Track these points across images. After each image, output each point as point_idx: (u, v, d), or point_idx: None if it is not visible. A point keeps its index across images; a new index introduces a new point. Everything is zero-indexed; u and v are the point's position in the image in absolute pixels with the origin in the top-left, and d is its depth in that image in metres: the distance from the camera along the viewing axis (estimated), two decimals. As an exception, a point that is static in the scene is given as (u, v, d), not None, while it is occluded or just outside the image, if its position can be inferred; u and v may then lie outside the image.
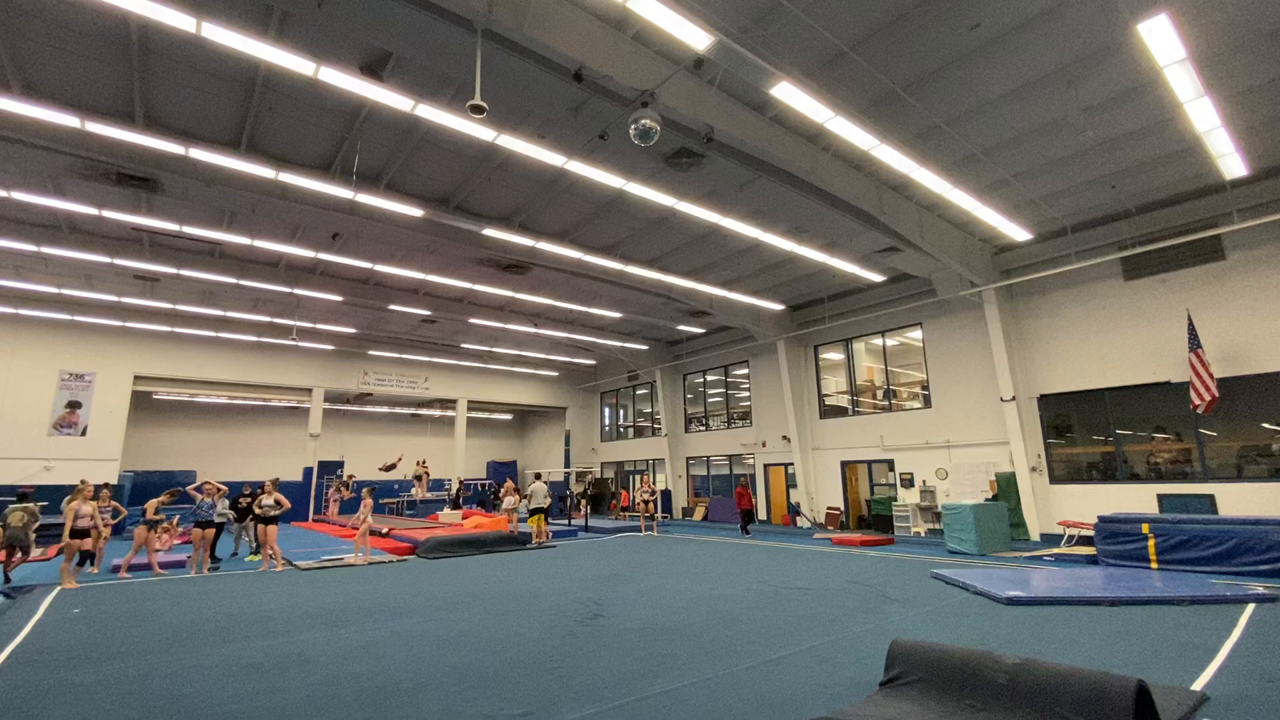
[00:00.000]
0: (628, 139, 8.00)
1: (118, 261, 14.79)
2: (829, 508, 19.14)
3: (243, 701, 4.42)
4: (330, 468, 25.47)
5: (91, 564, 10.96)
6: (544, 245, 14.25)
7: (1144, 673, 3.79)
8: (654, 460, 26.93)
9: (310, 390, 23.88)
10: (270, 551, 11.21)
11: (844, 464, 19.44)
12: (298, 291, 17.02)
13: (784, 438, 20.74)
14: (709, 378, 25.43)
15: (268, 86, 9.23)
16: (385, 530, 15.63)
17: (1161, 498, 12.89)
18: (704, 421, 25.76)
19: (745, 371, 23.41)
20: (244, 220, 13.53)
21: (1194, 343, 12.03)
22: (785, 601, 7.75)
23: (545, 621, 6.78)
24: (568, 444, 30.29)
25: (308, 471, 23.03)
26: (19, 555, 10.21)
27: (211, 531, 11.23)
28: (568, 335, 23.07)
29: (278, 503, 11.34)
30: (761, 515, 21.77)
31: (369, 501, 12.49)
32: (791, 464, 20.51)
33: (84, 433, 19.46)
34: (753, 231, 13.55)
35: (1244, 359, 12.16)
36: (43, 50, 8.41)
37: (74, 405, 19.48)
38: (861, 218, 11.97)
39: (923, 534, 15.91)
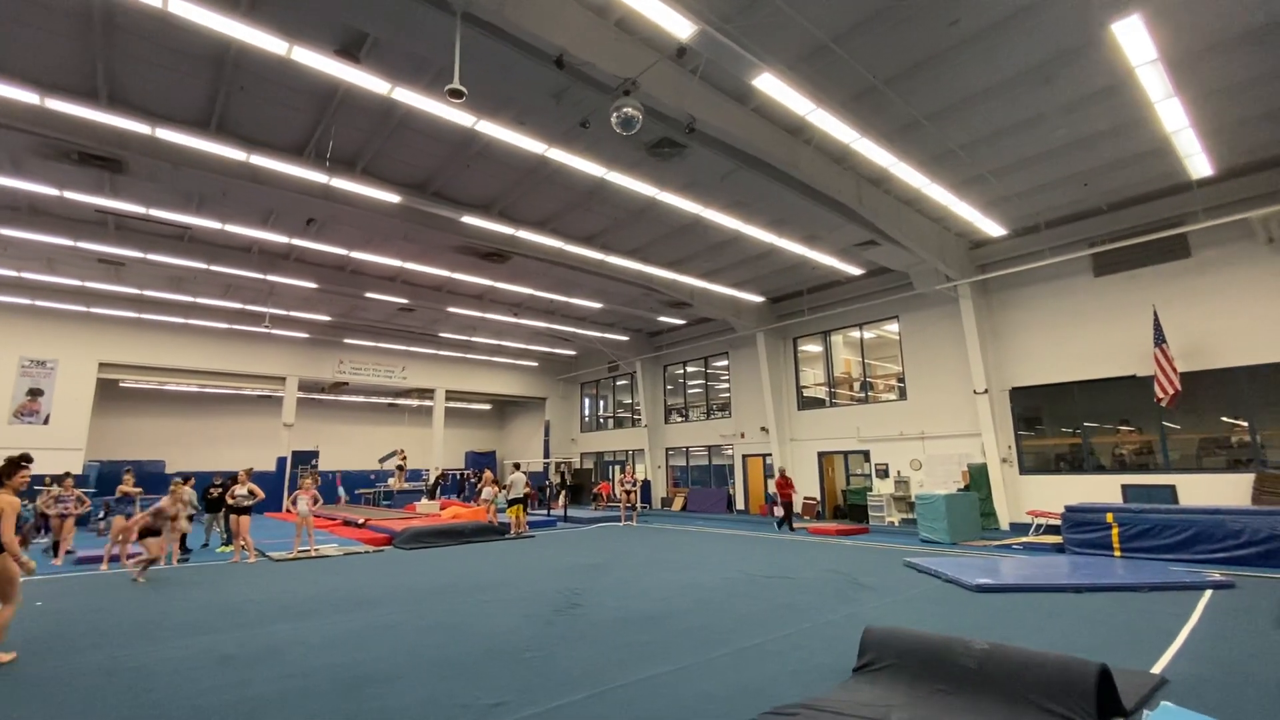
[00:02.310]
0: (609, 127, 7.94)
1: (81, 244, 14.32)
2: (806, 498, 19.40)
3: (213, 695, 4.35)
4: (305, 458, 25.10)
5: (54, 555, 10.68)
6: (524, 234, 14.13)
7: (1107, 656, 3.91)
8: (634, 451, 26.99)
9: (284, 379, 23.44)
10: (243, 542, 11.03)
11: (821, 455, 19.69)
12: (271, 278, 16.66)
13: (763, 429, 20.93)
14: (689, 369, 25.52)
15: (238, 66, 8.97)
16: (361, 521, 15.47)
17: (1126, 488, 13.28)
18: (684, 412, 25.87)
19: (725, 363, 23.53)
20: (214, 204, 13.17)
21: (1159, 338, 12.37)
22: (762, 590, 7.84)
23: (523, 611, 6.78)
24: (547, 434, 30.22)
25: (281, 461, 22.66)
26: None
27: (182, 524, 10.98)
28: (548, 325, 22.94)
29: (251, 493, 11.14)
30: (739, 505, 21.99)
31: (307, 483, 11.83)
32: (770, 455, 20.71)
33: (46, 421, 18.87)
34: (734, 223, 13.58)
35: (1206, 354, 12.55)
36: (-1, 22, 8.07)
37: (35, 393, 18.88)
38: (841, 211, 12.06)
39: (896, 524, 16.21)
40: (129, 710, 4.10)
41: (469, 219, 13.18)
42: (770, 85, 8.25)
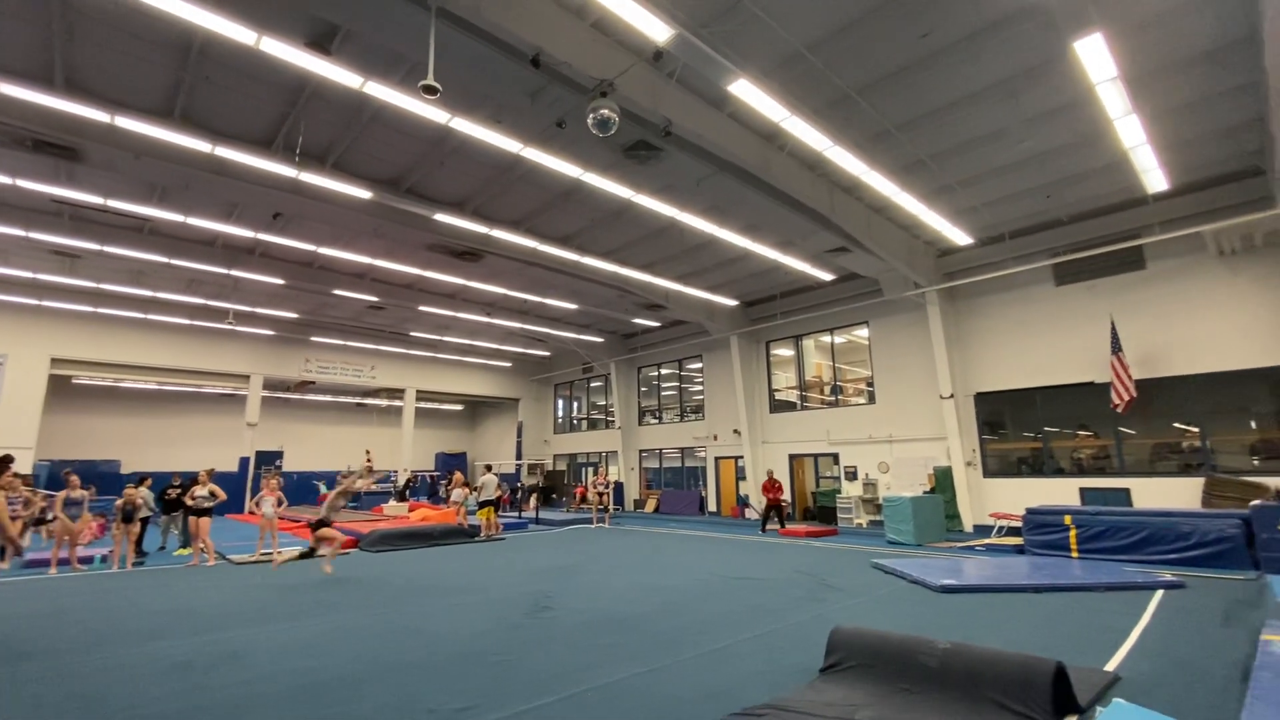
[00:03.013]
0: (586, 128, 7.95)
1: (34, 235, 13.79)
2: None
3: (168, 702, 4.21)
4: (269, 458, 24.49)
5: (1, 558, 10.22)
6: (498, 233, 14.01)
7: (1063, 655, 4.03)
8: (607, 453, 26.95)
9: (248, 377, 22.83)
10: (202, 545, 10.70)
11: (792, 457, 19.92)
12: (235, 273, 16.24)
13: (735, 431, 21.08)
14: (663, 371, 25.58)
15: (204, 54, 8.73)
16: (327, 522, 15.14)
17: (1083, 491, 13.71)
18: (657, 414, 25.92)
19: (699, 366, 23.65)
20: (176, 196, 12.78)
21: (1115, 346, 12.81)
22: (732, 591, 7.89)
23: (492, 614, 6.71)
24: (520, 435, 29.99)
25: (244, 462, 22.06)
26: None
27: (137, 526, 10.62)
28: (521, 326, 22.78)
29: (212, 494, 10.81)
30: (711, 507, 22.10)
31: (273, 484, 11.58)
32: (742, 457, 20.87)
33: (-7, 418, 18.07)
34: (709, 227, 13.66)
35: (1159, 362, 13.03)
36: (-53, 1, 7.73)
37: (-19, 389, 18.06)
38: (814, 217, 12.23)
39: (864, 525, 16.47)
40: (77, 720, 3.95)
41: (442, 217, 13.02)
42: (746, 91, 8.34)
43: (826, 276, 17.48)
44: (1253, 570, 8.49)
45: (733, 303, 20.11)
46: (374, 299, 18.95)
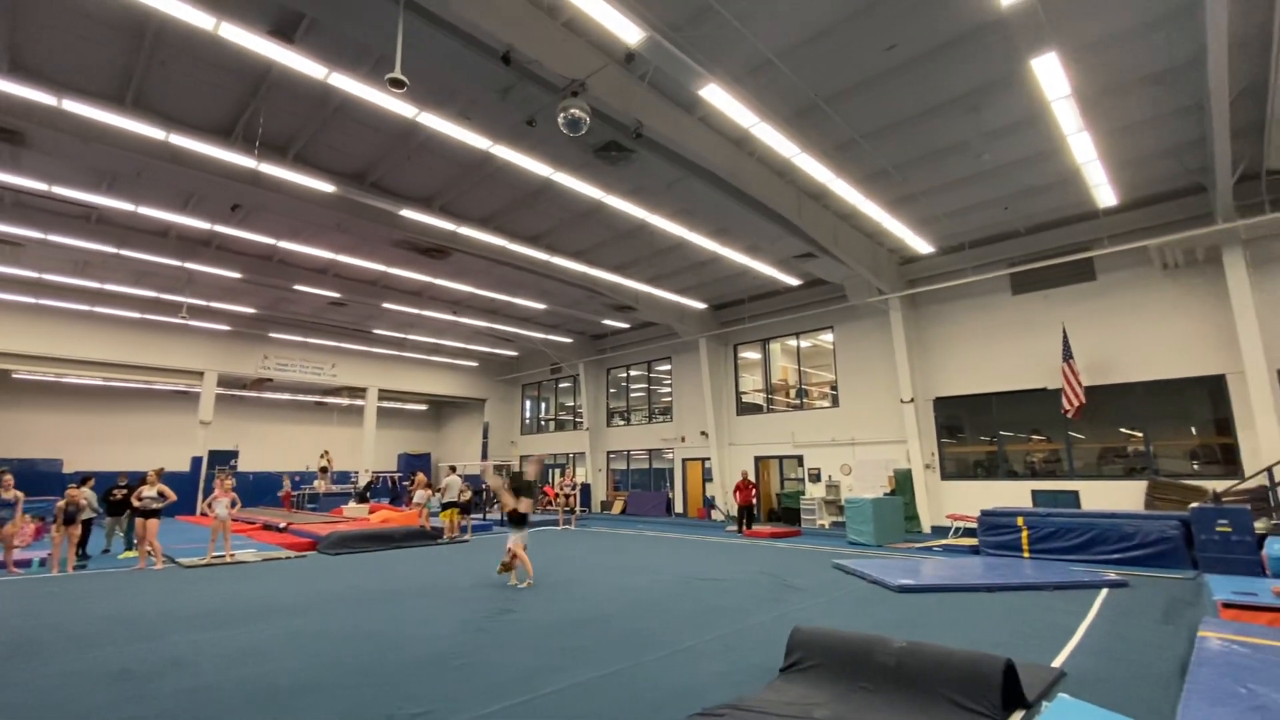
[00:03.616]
0: (556, 127, 7.92)
1: (-31, 221, 13.07)
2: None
3: (104, 713, 4.03)
4: (222, 458, 23.68)
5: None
6: (466, 230, 13.82)
7: (1013, 652, 4.16)
8: (574, 454, 26.82)
9: (201, 374, 22.02)
10: (149, 548, 10.27)
11: (758, 459, 20.12)
12: (189, 266, 15.66)
13: (702, 433, 21.21)
14: (632, 372, 25.59)
15: (160, 38, 8.41)
16: (283, 525, 14.72)
17: (1035, 493, 14.19)
18: (626, 416, 25.90)
19: (668, 367, 23.73)
20: (127, 184, 12.26)
21: (1067, 353, 13.30)
22: (696, 592, 7.93)
23: (453, 617, 6.60)
24: (486, 436, 29.62)
25: (196, 461, 21.29)
26: None
27: (78, 528, 10.14)
28: (489, 325, 22.51)
29: (161, 495, 10.38)
30: (678, 508, 22.19)
31: (227, 484, 11.23)
32: (708, 459, 21.01)
33: (-79, 414, 17.06)
34: (679, 230, 13.73)
35: (1108, 370, 13.58)
36: (-125, -30, 7.28)
37: (-91, 383, 17.03)
38: (782, 223, 12.39)
39: (827, 526, 16.74)
40: (6, 732, 3.75)
41: (408, 213, 12.79)
42: (716, 96, 8.41)
43: (793, 281, 17.73)
44: (1191, 570, 8.90)
45: (702, 306, 20.25)
46: (336, 295, 18.48)
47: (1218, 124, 8.90)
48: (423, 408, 34.31)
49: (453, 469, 15.49)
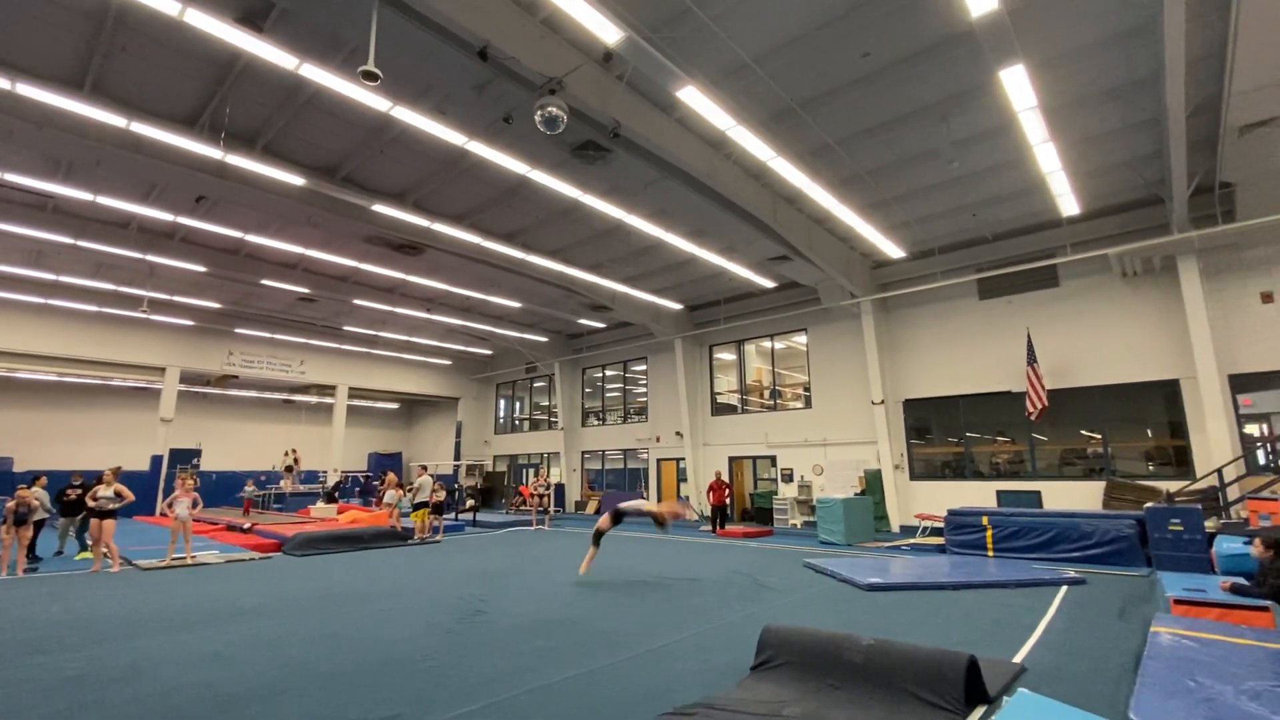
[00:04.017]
0: (533, 125, 7.87)
1: (-86, 208, 12.48)
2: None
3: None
4: (184, 456, 23.00)
5: None
6: (440, 227, 13.66)
7: (976, 648, 4.26)
8: (549, 454, 26.69)
9: (163, 369, 21.34)
10: (105, 550, 9.92)
11: (732, 459, 20.27)
12: (151, 258, 15.19)
13: (677, 433, 21.28)
14: (608, 372, 25.56)
15: (121, 22, 8.15)
16: (247, 525, 14.36)
17: (1000, 493, 14.56)
18: (601, 416, 25.86)
19: (643, 368, 23.76)
20: (85, 173, 11.84)
21: (1031, 357, 13.68)
22: (669, 592, 7.95)
23: (423, 619, 6.52)
24: (459, 436, 29.29)
25: (156, 460, 20.64)
26: None
27: (29, 530, 9.75)
28: (463, 323, 22.28)
29: (118, 495, 10.03)
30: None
31: (188, 484, 10.92)
32: (683, 459, 21.09)
33: None
34: (655, 231, 13.76)
35: (1069, 374, 13.99)
36: None
37: None
38: (757, 225, 12.50)
39: (799, 526, 16.94)
40: (-52, 742, 3.59)
41: (381, 208, 12.60)
42: (693, 98, 8.45)
43: (768, 284, 17.90)
44: (1145, 567, 9.23)
45: (678, 306, 20.32)
46: (305, 291, 18.10)
47: (1174, 138, 9.24)
48: (394, 406, 33.80)
49: (424, 468, 15.29)
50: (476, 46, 7.46)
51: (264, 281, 17.15)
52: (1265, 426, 12.46)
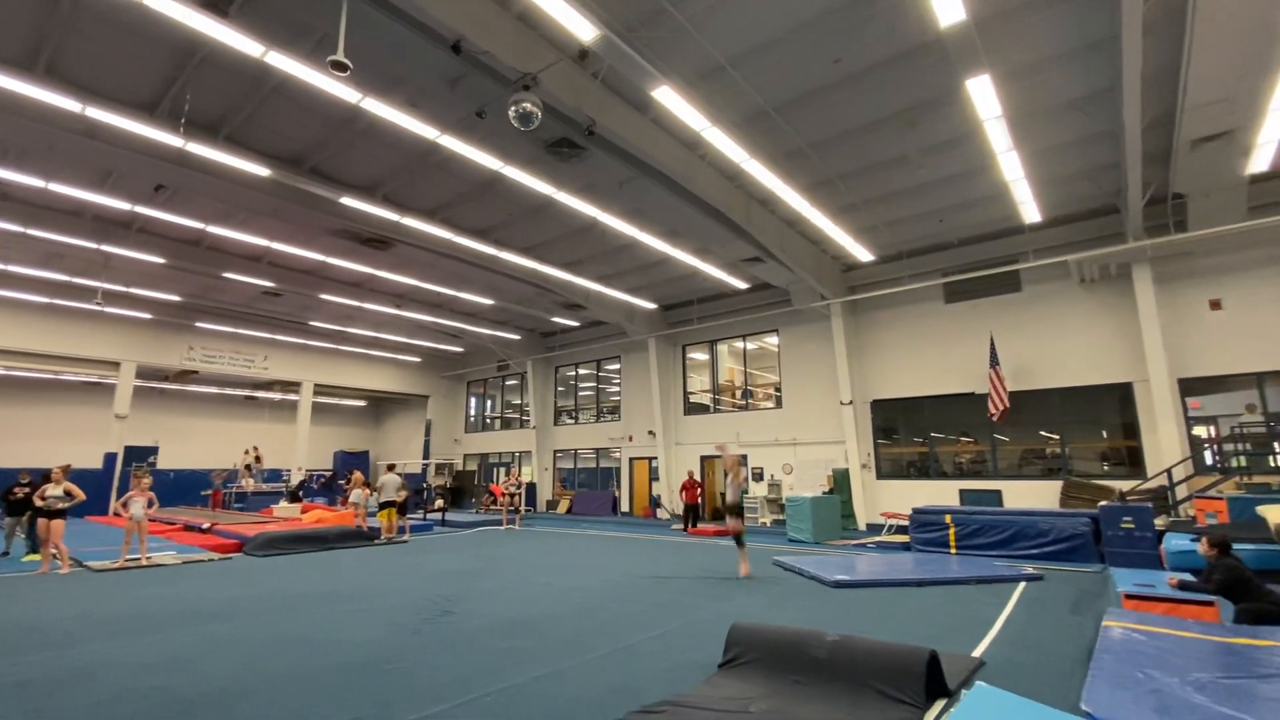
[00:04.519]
0: (507, 120, 7.80)
1: None
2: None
3: (0, 728, 3.72)
4: (140, 454, 22.21)
5: None
6: (411, 221, 13.45)
7: (937, 643, 4.37)
8: (521, 453, 26.49)
9: (118, 364, 20.59)
10: (54, 550, 9.53)
11: (704, 458, 20.38)
12: (106, 248, 14.63)
13: (650, 432, 21.32)
14: (581, 371, 25.48)
15: (78, 3, 7.82)
16: (206, 525, 13.95)
17: (962, 492, 14.93)
18: (574, 414, 25.77)
19: (617, 367, 23.74)
20: (36, 158, 11.35)
21: (994, 360, 14.05)
22: (639, 591, 7.97)
23: (388, 620, 6.41)
24: (428, 434, 28.87)
25: (110, 458, 19.89)
26: None
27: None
28: (433, 319, 21.96)
29: (68, 494, 9.64)
30: (624, 507, 22.23)
31: (144, 483, 10.51)
32: (656, 458, 21.14)
33: None
34: (630, 230, 13.76)
35: (1030, 376, 14.42)
36: None
37: None
38: (731, 227, 12.59)
39: (769, 524, 17.12)
40: (-121, 754, 3.41)
41: (349, 201, 12.34)
42: (669, 98, 8.47)
43: (741, 285, 18.05)
44: (1099, 564, 9.56)
45: (652, 306, 20.35)
46: (270, 284, 17.64)
47: (1130, 150, 9.59)
48: (361, 404, 33.16)
49: (391, 467, 15.04)
50: (449, 40, 7.37)
51: (226, 274, 16.66)
52: (1212, 429, 13.02)
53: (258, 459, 23.23)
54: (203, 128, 10.37)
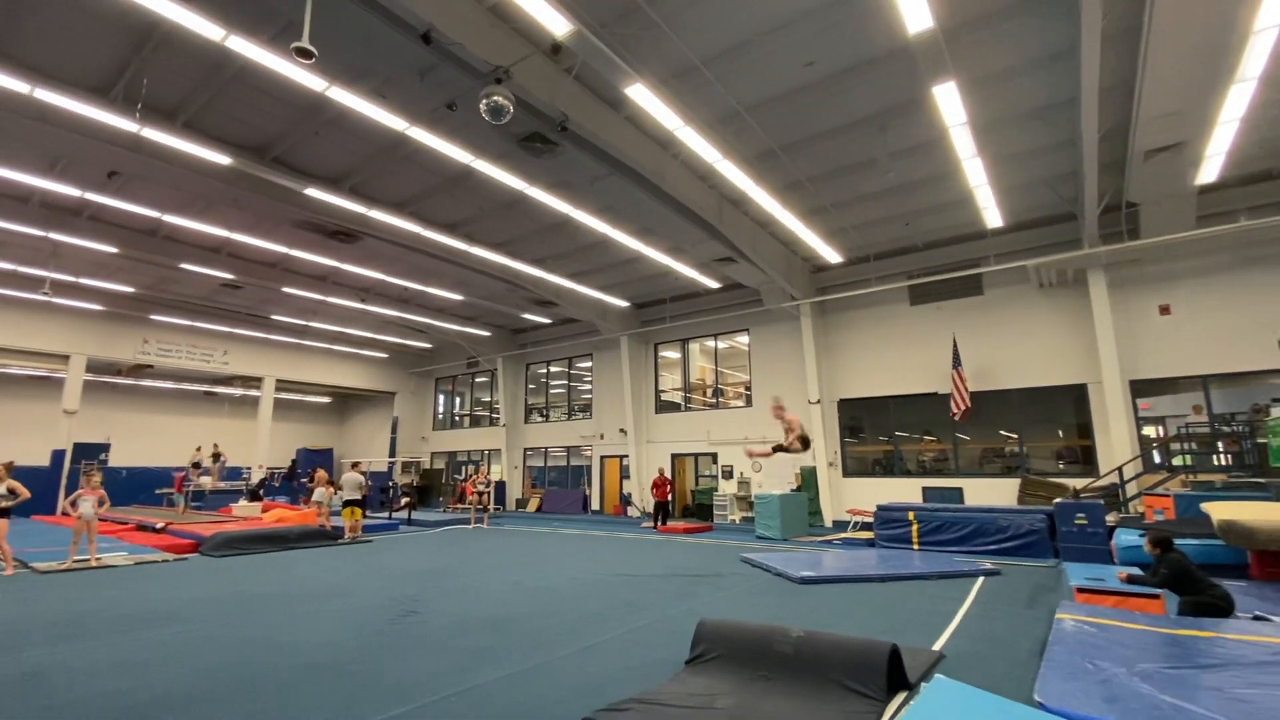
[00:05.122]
0: (478, 113, 7.69)
1: None
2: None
3: (-68, 738, 3.54)
4: (91, 451, 21.34)
5: None
6: (378, 214, 13.17)
7: (899, 637, 4.47)
8: (490, 450, 26.23)
9: (67, 357, 19.72)
10: (-5, 551, 9.09)
11: (674, 456, 20.47)
12: (55, 237, 14.01)
13: (621, 430, 21.32)
14: (553, 369, 25.32)
15: (22, -22, 7.46)
16: (160, 525, 13.48)
17: (925, 490, 15.29)
18: (544, 412, 25.61)
19: (589, 364, 23.66)
20: (-22, 140, 10.80)
21: (956, 361, 14.42)
22: (608, 589, 7.96)
23: (351, 621, 6.28)
24: (395, 431, 28.36)
25: (58, 455, 19.07)
26: None
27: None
28: (400, 315, 21.57)
29: (11, 492, 9.21)
30: (595, 505, 22.19)
31: (95, 480, 10.11)
32: (626, 456, 21.15)
33: None
34: (603, 227, 13.72)
35: (990, 377, 14.83)
36: None
37: None
38: (703, 226, 12.65)
39: (737, 521, 17.29)
40: None
41: (314, 192, 12.04)
42: (642, 96, 8.47)
43: (713, 284, 18.16)
44: (1054, 559, 9.89)
45: (624, 304, 20.34)
46: (230, 276, 17.08)
47: (1087, 159, 9.93)
48: (325, 400, 32.41)
49: (355, 465, 14.75)
50: (419, 29, 7.24)
51: (184, 265, 16.10)
52: (1160, 429, 13.58)
53: (216, 456, 22.51)
54: (160, 113, 10.00)
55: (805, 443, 8.58)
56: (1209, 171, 10.66)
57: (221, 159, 10.69)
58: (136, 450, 24.84)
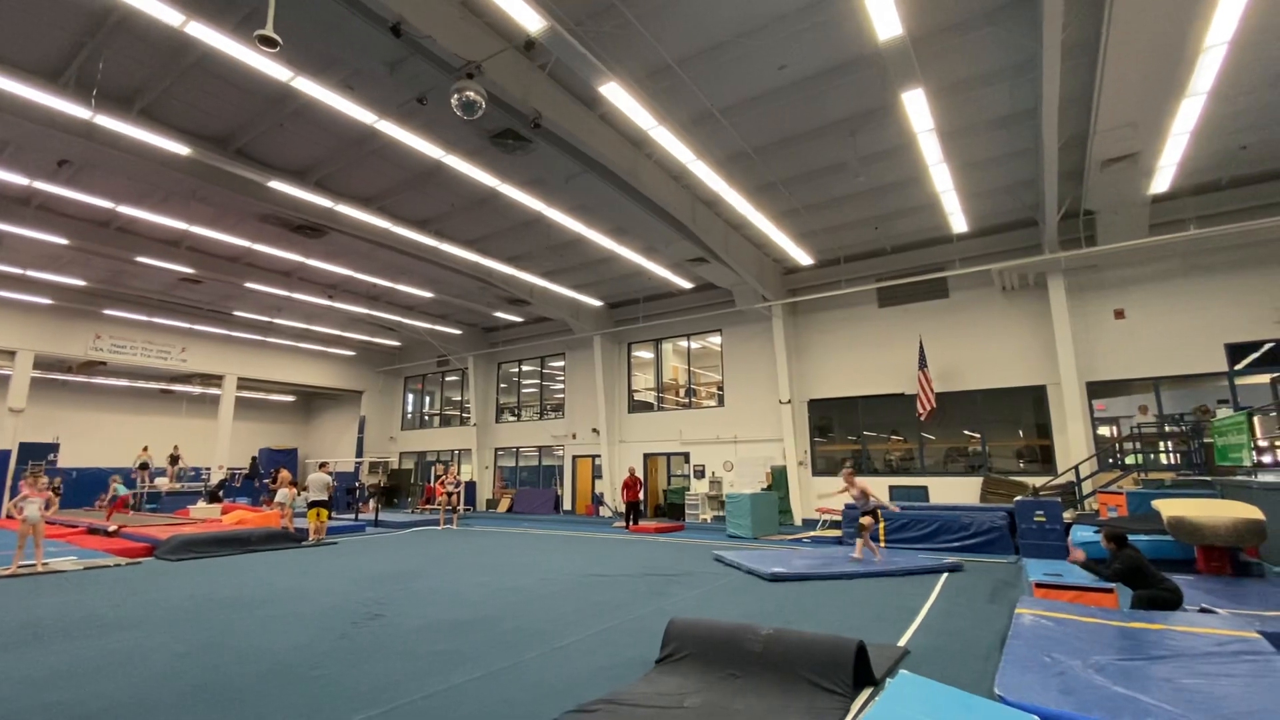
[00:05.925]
0: (449, 108, 7.58)
1: None
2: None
3: None
4: (38, 451, 20.44)
5: None
6: (345, 209, 12.90)
7: (865, 633, 4.53)
8: (460, 450, 25.90)
9: (13, 353, 18.84)
10: (-70, 557, 8.64)
11: (646, 456, 20.49)
12: (1, 227, 13.37)
13: (594, 430, 21.26)
14: (524, 368, 25.12)
15: (-36, -46, 7.10)
16: (112, 528, 12.98)
17: (892, 488, 15.57)
18: (516, 412, 25.39)
19: (561, 364, 23.54)
20: (-85, 123, 10.25)
21: (922, 362, 14.73)
22: (579, 589, 7.92)
23: (315, 625, 6.13)
24: (362, 431, 27.79)
25: (3, 455, 18.20)
26: None
27: None
28: (369, 312, 21.15)
29: (-53, 494, 8.76)
30: (566, 505, 22.08)
31: (42, 482, 9.64)
32: (599, 455, 21.09)
33: None
34: (576, 226, 13.65)
35: (955, 378, 15.18)
36: None
37: None
38: (676, 227, 12.68)
39: (709, 520, 17.39)
40: None
41: (278, 185, 11.73)
42: (616, 95, 8.44)
43: (686, 284, 18.23)
44: (1014, 555, 10.17)
45: (598, 303, 20.28)
46: (189, 271, 16.55)
47: (1047, 168, 10.24)
48: (290, 399, 31.62)
49: (323, 465, 14.41)
50: (389, 21, 7.09)
51: (140, 259, 15.52)
52: (1114, 429, 14.07)
53: (175, 459, 21.77)
54: (115, 99, 9.63)
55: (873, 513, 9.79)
56: (1161, 181, 11.09)
57: (180, 149, 10.34)
58: (87, 451, 23.89)
